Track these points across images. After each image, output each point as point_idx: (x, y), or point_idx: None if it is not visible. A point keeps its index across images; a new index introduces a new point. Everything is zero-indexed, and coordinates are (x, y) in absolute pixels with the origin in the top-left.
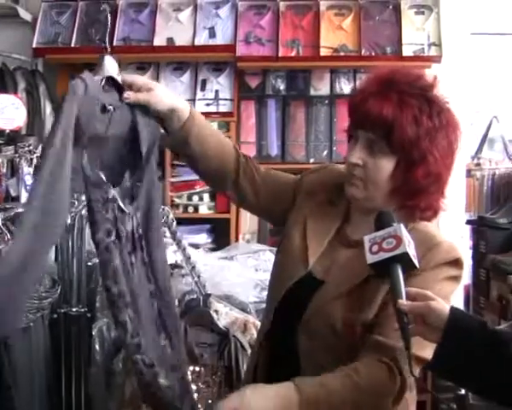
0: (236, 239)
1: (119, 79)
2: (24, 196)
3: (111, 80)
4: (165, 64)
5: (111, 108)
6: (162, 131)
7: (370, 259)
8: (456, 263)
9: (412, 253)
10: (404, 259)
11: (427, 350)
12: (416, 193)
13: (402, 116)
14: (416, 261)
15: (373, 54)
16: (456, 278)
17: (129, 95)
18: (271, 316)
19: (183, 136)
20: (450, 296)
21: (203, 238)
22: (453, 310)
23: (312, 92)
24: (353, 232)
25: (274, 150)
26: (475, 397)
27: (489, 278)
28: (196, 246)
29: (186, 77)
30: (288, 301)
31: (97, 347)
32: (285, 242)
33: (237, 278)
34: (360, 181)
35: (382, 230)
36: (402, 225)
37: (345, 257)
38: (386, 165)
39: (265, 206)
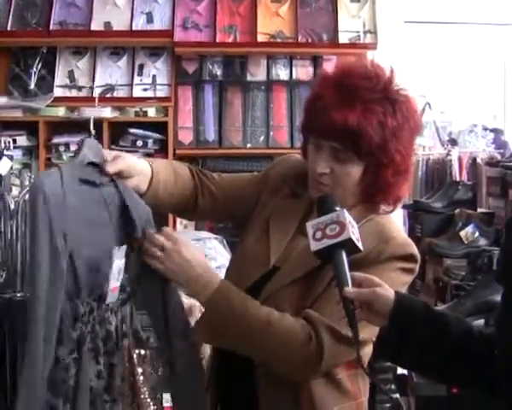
0: (174, 224)
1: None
2: None
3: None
4: (102, 48)
5: (98, 182)
6: None
7: (314, 246)
8: (409, 258)
9: (356, 237)
10: (348, 244)
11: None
12: (385, 190)
13: (367, 124)
14: (360, 245)
15: (309, 41)
16: (409, 271)
17: (108, 167)
18: None
19: (152, 196)
20: (401, 287)
21: None
22: (398, 295)
23: (249, 78)
24: None
25: (211, 135)
26: (419, 376)
27: (425, 261)
28: None
29: (123, 62)
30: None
31: None
32: (246, 240)
33: None
34: (328, 187)
35: (325, 215)
36: (345, 210)
37: (303, 245)
38: (355, 170)
39: (227, 214)
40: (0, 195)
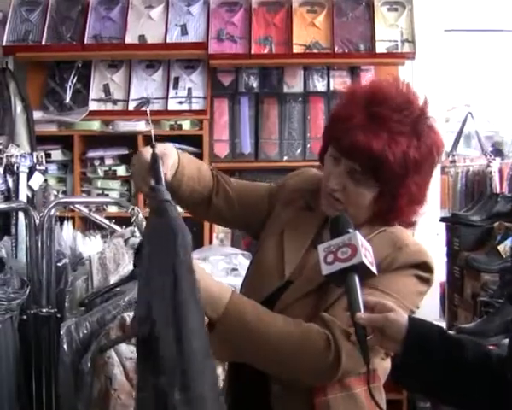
0: (210, 239)
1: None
2: None
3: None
4: (137, 62)
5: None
6: None
7: (325, 269)
8: (423, 266)
9: (369, 260)
10: (360, 268)
11: None
12: (398, 216)
13: (391, 153)
14: (373, 269)
15: (346, 51)
16: (424, 280)
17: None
18: None
19: (175, 186)
20: (417, 296)
21: None
22: (411, 320)
23: (285, 89)
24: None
25: (247, 148)
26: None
27: (463, 275)
28: None
29: (158, 74)
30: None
31: (65, 347)
32: (261, 252)
33: None
34: (340, 204)
35: (337, 238)
36: (357, 233)
37: (317, 260)
38: (368, 193)
39: (241, 220)
40: (25, 210)
